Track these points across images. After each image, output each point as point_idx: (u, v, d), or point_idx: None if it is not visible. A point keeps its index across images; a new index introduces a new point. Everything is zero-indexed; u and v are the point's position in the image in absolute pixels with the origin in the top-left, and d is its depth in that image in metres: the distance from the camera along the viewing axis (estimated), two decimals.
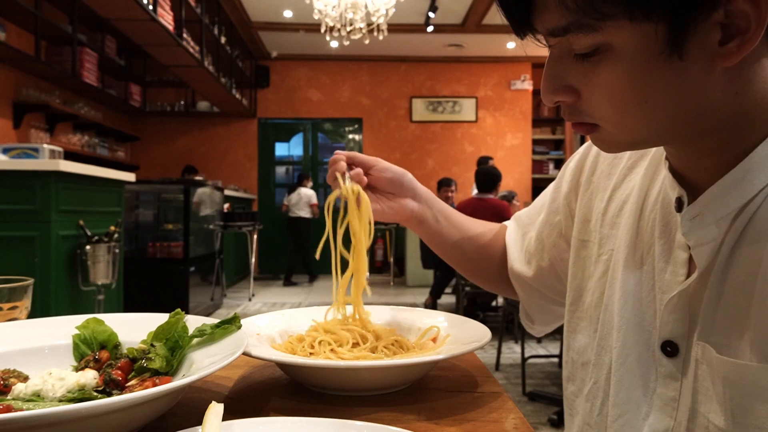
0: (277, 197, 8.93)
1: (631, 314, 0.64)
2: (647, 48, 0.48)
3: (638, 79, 0.50)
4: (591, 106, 0.54)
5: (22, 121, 5.35)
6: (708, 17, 0.46)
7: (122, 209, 3.31)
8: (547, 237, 0.84)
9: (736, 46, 0.47)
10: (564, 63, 0.54)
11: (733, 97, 0.51)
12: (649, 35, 0.48)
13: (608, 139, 0.57)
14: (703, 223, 0.55)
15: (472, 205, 4.42)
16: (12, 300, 0.73)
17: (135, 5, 4.59)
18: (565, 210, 0.81)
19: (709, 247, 0.56)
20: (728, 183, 0.53)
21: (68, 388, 0.51)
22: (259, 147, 8.78)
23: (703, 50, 0.48)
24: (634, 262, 0.65)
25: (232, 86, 7.41)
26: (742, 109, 0.52)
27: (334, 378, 0.61)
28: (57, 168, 2.52)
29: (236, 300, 6.23)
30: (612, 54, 0.50)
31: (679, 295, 0.58)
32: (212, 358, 0.54)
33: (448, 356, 0.61)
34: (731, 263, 0.55)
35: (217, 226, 5.76)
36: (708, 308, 0.56)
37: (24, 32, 5.03)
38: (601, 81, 0.52)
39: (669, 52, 0.48)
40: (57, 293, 2.62)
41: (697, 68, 0.49)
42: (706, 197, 0.55)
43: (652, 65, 0.49)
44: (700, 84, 0.50)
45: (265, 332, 0.74)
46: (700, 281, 0.57)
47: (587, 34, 0.49)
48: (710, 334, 0.55)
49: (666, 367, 0.60)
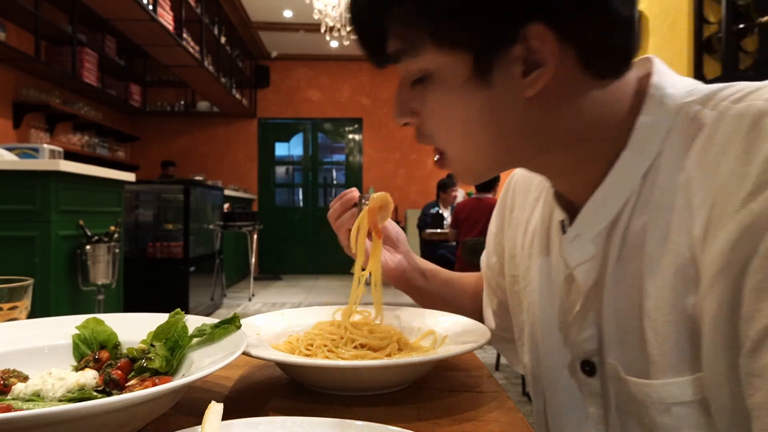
0: (277, 197, 8.94)
1: (552, 340, 0.67)
2: (458, 75, 0.53)
3: (456, 104, 0.55)
4: (430, 130, 0.59)
5: (22, 121, 5.35)
6: (508, 52, 0.51)
7: (122, 209, 3.30)
8: (492, 280, 0.87)
9: (536, 77, 0.51)
10: (407, 88, 0.59)
11: (558, 120, 0.55)
12: (458, 63, 0.53)
13: (455, 166, 0.61)
14: (581, 243, 0.58)
15: (471, 205, 4.42)
16: (12, 300, 0.73)
17: (135, 5, 4.60)
18: (498, 250, 0.84)
19: (588, 266, 0.59)
20: (597, 200, 0.56)
21: (68, 388, 0.51)
22: (259, 147, 8.78)
23: (507, 79, 0.52)
24: (548, 289, 0.68)
25: (232, 86, 7.41)
26: (577, 130, 0.55)
27: (333, 378, 0.61)
28: (57, 168, 2.51)
29: (236, 300, 6.23)
30: (434, 80, 0.55)
31: (578, 316, 0.61)
32: (212, 358, 0.54)
33: (448, 356, 0.62)
34: (619, 280, 0.56)
35: (217, 226, 5.76)
36: (609, 326, 0.58)
37: (24, 32, 5.03)
38: (430, 106, 0.57)
39: (477, 79, 0.53)
40: (57, 293, 2.62)
41: (506, 95, 0.53)
42: (582, 217, 0.58)
43: (466, 92, 0.54)
44: (512, 109, 0.54)
45: (265, 332, 0.74)
46: (596, 299, 0.59)
47: (412, 60, 0.55)
48: (615, 351, 0.57)
49: (589, 386, 0.62)
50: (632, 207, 0.55)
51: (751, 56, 2.86)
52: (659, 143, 0.54)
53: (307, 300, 6.26)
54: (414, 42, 0.53)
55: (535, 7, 0.49)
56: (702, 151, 0.50)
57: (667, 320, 0.50)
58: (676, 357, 0.50)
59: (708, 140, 0.49)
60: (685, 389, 0.50)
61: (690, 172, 0.50)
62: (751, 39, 2.84)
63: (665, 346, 0.51)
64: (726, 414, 0.47)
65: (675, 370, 0.50)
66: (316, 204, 8.93)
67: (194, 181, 5.46)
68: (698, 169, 0.49)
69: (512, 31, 0.50)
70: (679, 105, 0.54)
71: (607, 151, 0.56)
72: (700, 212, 0.48)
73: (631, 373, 0.55)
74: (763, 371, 0.41)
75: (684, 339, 0.50)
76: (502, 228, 0.83)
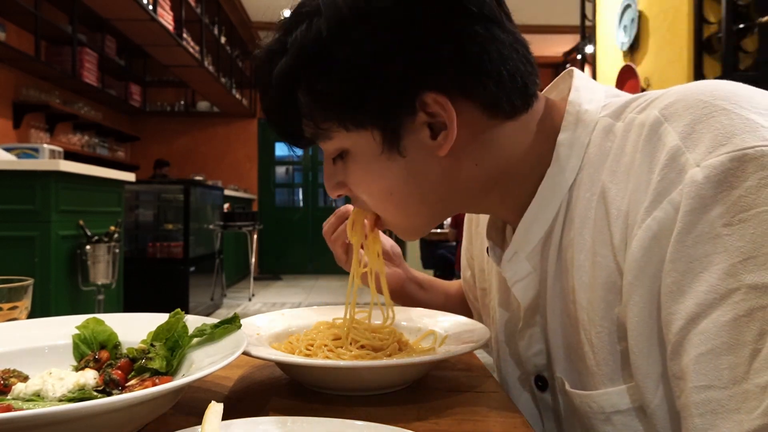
0: (277, 197, 8.93)
1: (510, 355, 0.69)
2: (371, 149, 0.56)
3: (375, 174, 0.58)
4: (361, 198, 0.62)
5: (22, 121, 5.35)
6: (412, 120, 0.54)
7: (122, 209, 3.30)
8: (470, 292, 0.89)
9: (443, 138, 0.54)
10: (332, 164, 0.62)
11: (476, 168, 0.58)
12: (368, 139, 0.56)
13: (393, 227, 0.65)
14: (517, 261, 0.60)
15: None
16: (12, 300, 0.73)
17: (135, 5, 4.60)
18: (471, 263, 0.86)
19: (525, 283, 0.61)
20: (528, 218, 0.59)
21: (68, 387, 0.51)
22: (259, 147, 8.78)
23: (419, 145, 0.55)
24: (505, 305, 0.69)
25: (232, 86, 7.41)
26: (498, 170, 0.58)
27: (333, 378, 0.61)
28: (57, 168, 2.51)
29: (236, 300, 6.23)
30: (350, 156, 0.59)
31: (522, 331, 0.63)
32: (212, 357, 0.54)
33: (448, 356, 0.62)
34: (558, 295, 0.58)
35: (217, 226, 5.76)
36: (554, 341, 0.60)
37: (24, 32, 5.02)
38: (354, 180, 0.60)
39: (389, 151, 0.56)
40: (57, 293, 2.62)
41: (421, 159, 0.56)
42: (516, 237, 0.60)
43: (382, 163, 0.57)
44: (430, 170, 0.57)
45: (265, 332, 0.74)
46: (540, 315, 0.61)
47: (324, 141, 0.58)
48: (561, 365, 0.59)
49: (544, 401, 0.64)
50: (562, 222, 0.57)
51: (751, 56, 2.86)
52: (579, 158, 0.56)
53: (307, 300, 6.26)
54: (324, 128, 0.57)
55: (421, 80, 0.52)
56: (614, 163, 0.51)
57: (600, 331, 0.52)
58: (611, 366, 0.51)
59: (618, 151, 0.51)
60: (622, 397, 0.51)
61: (605, 183, 0.52)
62: (751, 39, 2.84)
63: (600, 357, 0.52)
64: (661, 418, 0.47)
65: (611, 380, 0.52)
66: (316, 204, 8.93)
67: (194, 181, 5.45)
68: (612, 180, 0.51)
69: (407, 104, 0.53)
70: (595, 120, 0.56)
71: (533, 174, 0.58)
72: (617, 222, 0.49)
73: (575, 386, 0.56)
74: (684, 373, 0.41)
75: (617, 348, 0.51)
76: (471, 242, 0.85)
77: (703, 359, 0.40)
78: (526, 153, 0.58)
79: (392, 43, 0.52)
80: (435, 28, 0.52)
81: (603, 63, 4.35)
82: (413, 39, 0.52)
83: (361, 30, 0.52)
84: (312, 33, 0.53)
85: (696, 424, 0.40)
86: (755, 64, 2.82)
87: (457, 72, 0.52)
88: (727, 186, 0.41)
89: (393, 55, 0.52)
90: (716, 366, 0.39)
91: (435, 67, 0.52)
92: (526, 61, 0.55)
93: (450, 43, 0.52)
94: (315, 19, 0.54)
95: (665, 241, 0.44)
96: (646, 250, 0.45)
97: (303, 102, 0.56)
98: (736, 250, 0.40)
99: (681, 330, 0.42)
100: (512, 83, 0.54)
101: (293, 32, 0.55)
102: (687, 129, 0.45)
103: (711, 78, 2.93)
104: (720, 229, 0.40)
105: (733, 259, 0.39)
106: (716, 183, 0.41)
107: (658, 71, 3.46)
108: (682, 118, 0.46)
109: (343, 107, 0.54)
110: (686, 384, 0.41)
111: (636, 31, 3.67)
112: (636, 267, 0.46)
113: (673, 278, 0.43)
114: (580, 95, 0.58)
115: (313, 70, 0.54)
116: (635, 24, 3.68)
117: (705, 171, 0.42)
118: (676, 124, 0.46)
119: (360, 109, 0.54)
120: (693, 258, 0.41)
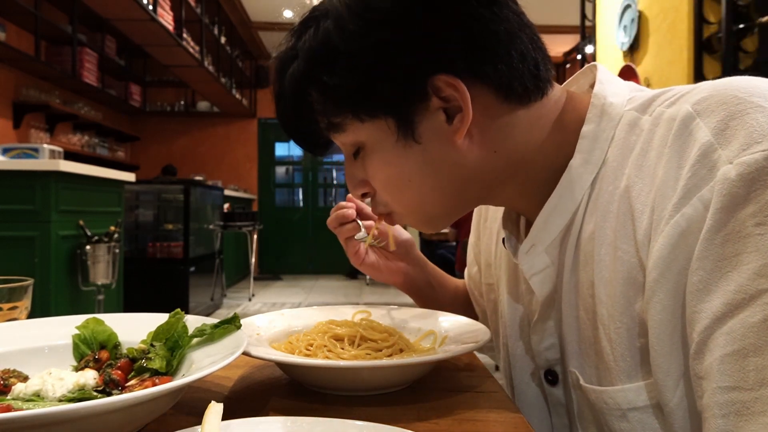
0: (277, 197, 8.93)
1: (518, 349, 0.68)
2: (387, 138, 0.56)
3: (393, 164, 0.58)
4: (380, 194, 0.62)
5: (22, 121, 5.35)
6: (426, 106, 0.54)
7: (122, 209, 3.30)
8: (475, 289, 0.88)
9: (459, 121, 0.54)
10: (351, 162, 0.62)
11: (494, 155, 0.57)
12: (383, 129, 0.56)
13: (410, 220, 0.64)
14: (535, 253, 0.60)
15: None
16: (12, 300, 0.72)
17: (135, 5, 4.59)
18: (477, 259, 0.85)
19: (543, 275, 0.60)
20: (548, 209, 0.58)
21: (68, 388, 0.51)
22: (259, 147, 8.78)
23: (434, 131, 0.55)
24: (514, 298, 0.69)
25: (232, 86, 7.40)
26: (515, 159, 0.58)
27: (333, 378, 0.61)
28: (57, 168, 2.51)
29: (236, 300, 6.23)
30: (367, 149, 0.59)
31: (537, 325, 0.62)
32: (212, 358, 0.54)
33: (448, 356, 0.62)
34: (575, 288, 0.57)
35: (217, 226, 5.75)
36: (569, 335, 0.59)
37: (24, 32, 5.02)
38: (372, 173, 0.60)
39: (405, 138, 0.55)
40: (57, 293, 2.62)
41: (437, 145, 0.56)
42: (535, 229, 0.59)
43: (398, 150, 0.56)
44: (447, 156, 0.56)
45: (265, 332, 0.74)
46: (555, 309, 0.60)
47: (340, 134, 0.58)
48: (575, 360, 0.58)
49: (553, 396, 0.63)
50: (582, 215, 0.56)
51: (751, 56, 2.85)
52: (604, 151, 0.55)
53: (307, 300, 6.26)
54: (338, 122, 0.57)
55: (430, 63, 0.52)
56: (640, 157, 0.51)
57: (619, 326, 0.51)
58: (629, 362, 0.51)
59: (645, 146, 0.50)
60: (639, 394, 0.50)
61: (630, 178, 0.51)
62: (751, 39, 2.84)
63: (618, 352, 0.51)
64: (680, 417, 0.47)
65: (629, 376, 0.51)
66: (316, 204, 8.92)
67: (194, 181, 5.45)
68: (638, 174, 0.50)
69: (420, 89, 0.53)
70: (621, 113, 0.55)
71: (553, 165, 0.58)
72: (642, 217, 0.48)
73: (590, 381, 0.56)
74: (708, 373, 0.41)
75: (636, 344, 0.50)
76: (478, 237, 0.84)
77: (728, 360, 0.39)
78: (544, 142, 0.57)
79: (398, 29, 0.52)
80: (440, 12, 0.51)
81: (603, 63, 4.35)
82: (419, 25, 0.52)
83: (366, 19, 0.52)
84: (320, 33, 0.54)
85: (719, 424, 0.39)
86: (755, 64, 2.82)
87: (465, 53, 0.52)
88: (760, 184, 0.40)
89: (400, 42, 0.52)
90: (742, 367, 0.38)
91: (443, 50, 0.52)
92: (534, 45, 0.55)
93: (456, 25, 0.52)
94: (322, 21, 0.55)
95: (693, 239, 0.43)
96: (673, 247, 0.44)
97: (316, 99, 0.57)
98: (767, 250, 0.39)
99: (706, 329, 0.41)
100: (522, 64, 0.53)
101: (302, 37, 0.56)
102: (720, 125, 0.44)
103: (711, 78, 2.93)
104: (751, 228, 0.39)
105: (764, 260, 0.38)
106: (749, 181, 0.40)
107: (658, 71, 3.46)
108: (716, 113, 0.44)
109: (356, 98, 0.55)
110: (710, 384, 0.40)
111: (636, 31, 3.67)
112: (662, 264, 0.45)
113: (699, 276, 0.42)
114: (605, 88, 0.57)
115: (324, 67, 0.55)
116: (635, 24, 3.68)
117: (738, 168, 0.41)
118: (709, 119, 0.45)
119: (372, 98, 0.54)
120: (722, 257, 0.41)
